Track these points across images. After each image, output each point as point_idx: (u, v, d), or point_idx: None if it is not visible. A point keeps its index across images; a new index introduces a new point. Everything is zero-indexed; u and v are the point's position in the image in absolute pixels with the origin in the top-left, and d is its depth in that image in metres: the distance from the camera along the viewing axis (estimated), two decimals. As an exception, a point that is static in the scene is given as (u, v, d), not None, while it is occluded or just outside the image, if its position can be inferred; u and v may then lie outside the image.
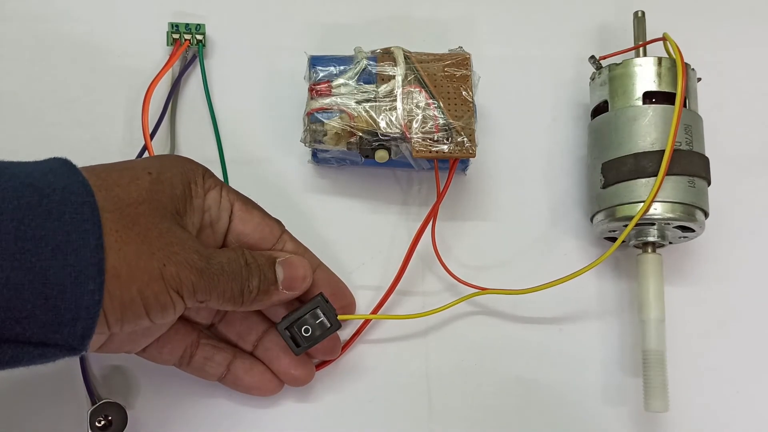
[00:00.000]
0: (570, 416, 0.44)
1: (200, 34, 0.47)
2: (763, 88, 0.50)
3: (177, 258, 0.33)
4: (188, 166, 0.37)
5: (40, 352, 0.30)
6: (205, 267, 0.34)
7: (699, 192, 0.42)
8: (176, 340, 0.39)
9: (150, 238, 0.32)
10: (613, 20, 0.51)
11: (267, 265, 0.37)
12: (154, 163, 0.36)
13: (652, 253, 0.43)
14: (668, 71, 0.43)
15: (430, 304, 0.44)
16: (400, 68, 0.42)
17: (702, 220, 0.42)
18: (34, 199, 0.30)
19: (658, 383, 0.41)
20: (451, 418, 0.43)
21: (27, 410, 0.41)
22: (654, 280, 0.43)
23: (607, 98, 0.44)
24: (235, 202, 0.38)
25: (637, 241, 0.44)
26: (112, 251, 0.31)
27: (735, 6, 0.52)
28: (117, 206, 0.32)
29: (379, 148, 0.42)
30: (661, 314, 0.42)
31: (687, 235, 0.44)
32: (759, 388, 0.45)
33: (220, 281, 0.35)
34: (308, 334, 0.39)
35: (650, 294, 0.43)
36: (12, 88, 0.46)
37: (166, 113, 0.46)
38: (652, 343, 0.42)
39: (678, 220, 0.42)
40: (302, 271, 0.39)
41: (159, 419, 0.42)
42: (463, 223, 0.46)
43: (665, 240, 0.43)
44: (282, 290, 0.38)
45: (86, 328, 0.30)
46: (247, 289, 0.36)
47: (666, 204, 0.41)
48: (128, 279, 0.31)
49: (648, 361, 0.42)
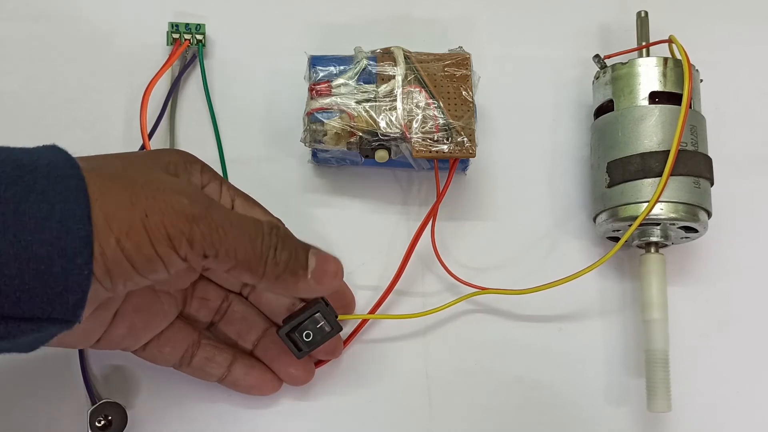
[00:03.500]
0: (571, 416, 0.44)
1: (200, 34, 0.47)
2: (763, 88, 0.50)
3: (162, 205, 0.30)
4: (186, 157, 0.36)
5: (33, 326, 0.29)
6: (200, 214, 0.31)
7: (703, 192, 0.42)
8: (177, 339, 0.39)
9: (135, 187, 0.30)
10: (613, 20, 0.51)
11: (302, 246, 0.35)
12: (148, 153, 0.35)
13: (655, 253, 0.43)
14: (672, 71, 0.43)
15: (430, 304, 0.44)
16: (400, 68, 0.42)
17: (705, 220, 0.43)
18: (15, 173, 0.29)
19: (661, 383, 0.41)
20: (451, 418, 0.43)
21: (27, 410, 0.41)
22: (657, 280, 0.43)
23: (611, 97, 0.44)
24: (236, 198, 0.37)
25: (640, 241, 0.44)
26: (93, 209, 0.29)
27: (735, 6, 0.52)
28: (102, 177, 0.30)
29: (379, 148, 0.42)
30: (664, 314, 0.42)
31: (690, 236, 0.44)
32: (759, 388, 0.45)
33: (228, 235, 0.31)
34: (309, 339, 0.39)
35: (653, 294, 0.43)
36: (12, 88, 0.46)
37: (165, 113, 0.46)
38: (656, 343, 0.42)
39: (682, 221, 0.42)
40: (334, 267, 0.36)
41: (159, 419, 0.42)
42: (463, 223, 0.46)
43: (668, 240, 0.43)
44: (310, 279, 0.35)
45: (77, 299, 0.29)
46: (272, 258, 0.33)
47: (671, 204, 0.41)
48: (105, 230, 0.29)
49: (651, 362, 0.42)
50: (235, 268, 0.33)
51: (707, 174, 0.42)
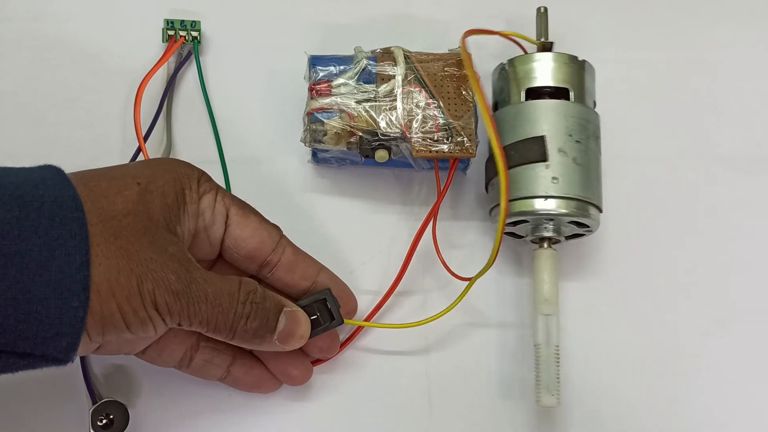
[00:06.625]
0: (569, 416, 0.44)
1: (195, 31, 0.47)
2: (762, 88, 0.50)
3: (154, 275, 0.32)
4: (183, 171, 0.36)
5: (26, 362, 0.31)
6: (182, 290, 0.33)
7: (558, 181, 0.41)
8: (175, 343, 0.39)
9: (131, 253, 0.32)
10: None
11: (274, 310, 0.37)
12: (145, 170, 0.35)
13: (547, 248, 0.43)
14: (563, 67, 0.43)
15: (431, 304, 0.44)
16: (400, 68, 0.42)
17: (597, 215, 0.42)
18: (21, 213, 0.30)
19: (549, 378, 0.41)
20: (451, 418, 0.43)
21: (28, 410, 0.41)
22: (549, 275, 0.42)
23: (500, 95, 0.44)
24: (231, 207, 0.38)
25: (533, 237, 0.43)
26: (93, 266, 0.31)
27: (734, 6, 0.52)
28: (101, 218, 0.32)
29: (379, 148, 0.42)
30: (555, 309, 0.42)
31: (582, 232, 0.43)
32: (759, 388, 0.45)
33: (202, 309, 0.34)
34: (312, 326, 0.39)
35: (545, 289, 0.42)
36: (12, 88, 0.46)
37: (162, 111, 0.46)
38: (545, 338, 0.41)
39: (572, 216, 0.41)
40: (302, 331, 0.38)
41: (160, 418, 0.42)
42: (463, 223, 0.46)
43: (560, 235, 0.43)
44: (275, 341, 0.37)
45: (71, 342, 0.31)
46: (242, 326, 0.36)
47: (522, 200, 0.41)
48: (108, 294, 0.31)
49: (540, 356, 0.41)
50: (207, 332, 0.35)
51: (538, 158, 0.41)
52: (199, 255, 0.38)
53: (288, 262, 0.40)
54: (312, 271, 0.40)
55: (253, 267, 0.39)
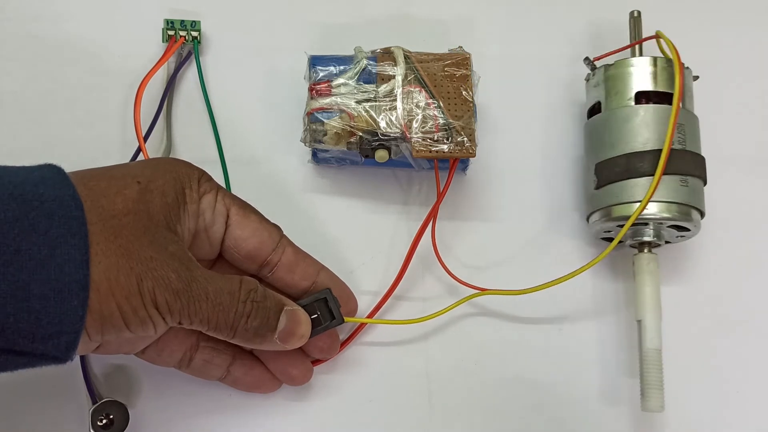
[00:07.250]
0: (569, 416, 0.44)
1: (195, 31, 0.47)
2: (762, 88, 0.50)
3: (154, 274, 0.32)
4: (183, 171, 0.37)
5: (26, 361, 0.31)
6: (182, 289, 0.33)
7: (692, 191, 0.42)
8: (175, 343, 0.39)
9: (131, 252, 0.32)
10: (609, 20, 0.50)
11: (274, 309, 0.37)
12: (145, 170, 0.35)
13: (648, 252, 0.43)
14: (663, 71, 0.43)
15: (430, 305, 0.44)
16: (400, 68, 0.42)
17: (697, 219, 0.42)
18: (21, 211, 0.30)
19: (654, 383, 0.41)
20: (451, 418, 0.43)
21: (28, 409, 0.41)
22: (650, 280, 0.43)
23: (601, 99, 0.44)
24: (231, 207, 0.38)
25: (633, 241, 0.44)
26: (93, 265, 0.31)
27: (734, 6, 0.52)
28: (101, 218, 0.32)
29: (379, 148, 0.42)
30: (657, 313, 0.42)
31: (684, 234, 0.44)
32: (759, 388, 0.45)
33: (202, 308, 0.34)
34: (312, 325, 0.39)
35: (646, 293, 0.43)
36: (12, 88, 0.46)
37: (162, 111, 0.46)
38: (648, 343, 0.42)
39: (672, 220, 0.42)
40: (303, 330, 0.38)
41: (160, 418, 0.42)
42: (463, 223, 0.46)
43: (661, 239, 0.43)
44: (276, 339, 0.37)
45: (70, 341, 0.31)
46: (243, 325, 0.36)
47: (660, 204, 0.41)
48: (107, 293, 0.31)
49: (645, 361, 0.42)
50: (208, 331, 0.35)
51: (696, 172, 0.42)
52: (200, 255, 0.38)
53: (288, 261, 0.40)
54: (312, 271, 0.40)
55: (254, 267, 0.39)
